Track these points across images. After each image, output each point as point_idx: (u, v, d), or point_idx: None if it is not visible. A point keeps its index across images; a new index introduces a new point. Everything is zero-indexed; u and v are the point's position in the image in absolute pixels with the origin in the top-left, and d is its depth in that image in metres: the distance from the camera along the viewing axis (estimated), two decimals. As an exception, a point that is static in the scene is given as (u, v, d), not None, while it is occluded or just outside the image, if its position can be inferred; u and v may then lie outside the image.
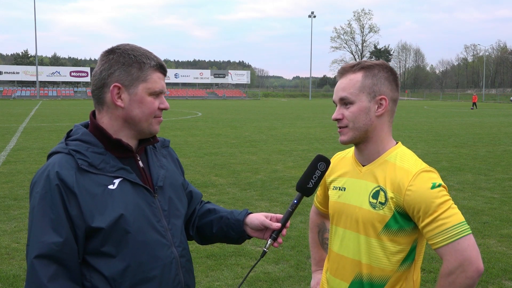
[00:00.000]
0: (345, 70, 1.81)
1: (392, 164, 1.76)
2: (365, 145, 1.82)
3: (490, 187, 9.06)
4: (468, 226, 1.63)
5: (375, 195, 1.75)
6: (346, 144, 1.83)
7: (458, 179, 9.83)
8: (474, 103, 48.62)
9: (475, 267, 1.58)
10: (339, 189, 1.90)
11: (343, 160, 1.96)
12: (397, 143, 1.85)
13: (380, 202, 1.74)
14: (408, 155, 1.79)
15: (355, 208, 1.81)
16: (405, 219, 1.71)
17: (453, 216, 1.62)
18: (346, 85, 1.77)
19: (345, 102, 1.78)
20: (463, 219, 1.63)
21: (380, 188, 1.75)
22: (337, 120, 1.80)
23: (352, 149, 1.96)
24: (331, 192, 1.95)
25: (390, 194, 1.72)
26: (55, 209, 1.48)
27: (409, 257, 1.76)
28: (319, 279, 2.17)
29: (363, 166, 1.84)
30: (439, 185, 1.66)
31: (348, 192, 1.85)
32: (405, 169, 1.72)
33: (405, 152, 1.80)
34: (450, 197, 1.67)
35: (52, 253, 1.46)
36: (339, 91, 1.79)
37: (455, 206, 1.66)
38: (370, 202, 1.76)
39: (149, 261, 1.58)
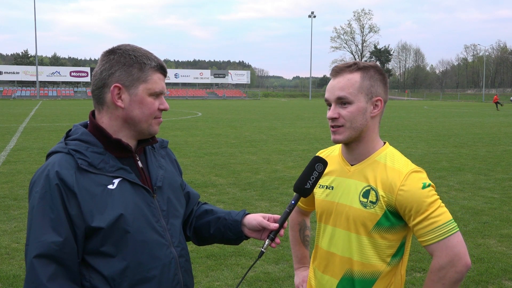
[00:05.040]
0: (341, 69, 1.82)
1: (383, 164, 1.80)
2: (356, 145, 1.84)
3: (490, 187, 9.06)
4: (456, 224, 1.72)
5: (366, 194, 1.79)
6: (339, 143, 1.86)
7: (458, 179, 9.83)
8: (497, 103, 45.91)
9: (464, 262, 1.67)
10: (326, 188, 1.92)
11: (328, 159, 1.96)
12: (384, 143, 1.89)
13: (371, 201, 1.78)
14: (397, 155, 1.84)
15: (345, 207, 1.84)
16: (396, 218, 1.77)
17: (443, 214, 1.71)
18: (345, 85, 1.79)
19: (342, 101, 1.79)
20: (451, 217, 1.72)
21: (371, 188, 1.78)
22: (333, 119, 1.81)
23: (336, 147, 1.99)
24: (317, 190, 1.97)
25: (381, 194, 1.76)
26: (55, 209, 1.48)
27: (398, 252, 1.83)
28: (304, 277, 2.22)
29: (352, 165, 1.87)
30: (429, 185, 1.74)
31: (337, 191, 1.88)
32: (396, 169, 1.77)
33: (394, 153, 1.85)
34: (438, 196, 1.75)
35: (51, 252, 1.46)
36: (336, 90, 1.80)
37: (443, 204, 1.75)
38: (360, 201, 1.80)
39: (148, 261, 1.58)
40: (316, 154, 2.03)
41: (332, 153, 1.99)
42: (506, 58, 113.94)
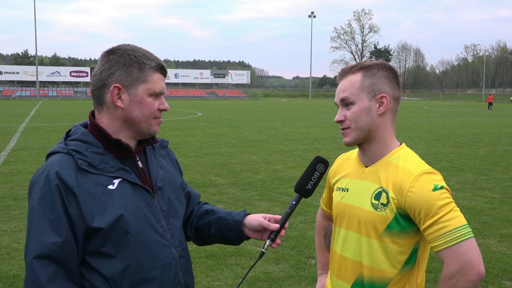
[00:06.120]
0: (345, 72, 1.81)
1: (395, 165, 1.75)
2: (368, 146, 1.80)
3: (490, 187, 9.05)
4: (470, 230, 1.61)
5: (377, 196, 1.74)
6: (350, 145, 1.81)
7: (458, 179, 9.83)
8: (490, 103, 47.35)
9: (476, 271, 1.55)
10: (342, 190, 1.89)
11: (347, 161, 1.95)
12: (400, 144, 1.83)
13: (382, 203, 1.72)
14: (411, 156, 1.77)
15: (357, 209, 1.80)
16: (407, 221, 1.70)
17: (455, 219, 1.59)
18: (346, 86, 1.78)
19: (346, 103, 1.78)
20: (465, 222, 1.61)
21: (383, 189, 1.73)
22: (340, 122, 1.80)
23: (356, 150, 1.95)
24: (334, 193, 1.94)
25: (391, 195, 1.70)
26: (55, 209, 1.48)
27: (411, 259, 1.75)
28: (324, 283, 2.15)
29: (366, 167, 1.83)
30: (442, 187, 1.64)
31: (351, 193, 1.84)
32: (407, 170, 1.71)
33: (408, 154, 1.78)
34: (452, 200, 1.65)
35: (51, 253, 1.45)
36: (339, 92, 1.80)
37: (458, 209, 1.64)
38: (372, 203, 1.75)
39: (149, 261, 1.58)
40: (337, 158, 2.02)
41: (351, 156, 1.96)
42: (506, 58, 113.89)
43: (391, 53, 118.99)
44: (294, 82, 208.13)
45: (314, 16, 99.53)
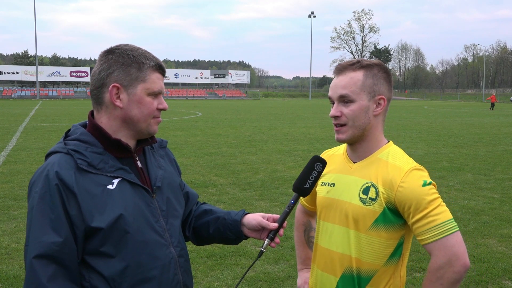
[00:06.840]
0: (344, 68, 1.82)
1: (384, 161, 1.80)
2: (360, 144, 1.84)
3: (490, 187, 9.06)
4: (456, 224, 1.69)
5: (366, 191, 1.78)
6: (343, 142, 1.85)
7: (458, 179, 9.82)
8: (493, 103, 47.64)
9: (462, 262, 1.64)
10: (328, 185, 1.92)
11: (332, 157, 1.98)
12: (388, 141, 1.88)
13: (370, 198, 1.77)
14: (400, 153, 1.84)
15: (344, 203, 1.83)
16: (395, 215, 1.76)
17: (443, 213, 1.68)
18: (347, 83, 1.79)
19: (345, 100, 1.79)
20: (451, 217, 1.70)
21: (372, 184, 1.78)
22: (335, 117, 1.81)
23: (342, 147, 1.99)
24: (319, 188, 1.97)
25: (381, 190, 1.75)
26: (54, 209, 1.48)
27: (396, 252, 1.81)
28: (306, 278, 2.20)
29: (354, 163, 1.87)
30: (430, 183, 1.72)
31: (338, 188, 1.87)
32: (397, 166, 1.76)
33: (396, 151, 1.84)
34: (439, 195, 1.73)
35: (51, 253, 1.46)
36: (338, 88, 1.80)
37: (444, 204, 1.72)
38: (360, 197, 1.79)
39: (148, 261, 1.58)
40: (321, 154, 2.03)
41: (337, 152, 1.99)
42: (506, 58, 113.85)
43: (391, 53, 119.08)
44: (294, 82, 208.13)
45: (314, 16, 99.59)
